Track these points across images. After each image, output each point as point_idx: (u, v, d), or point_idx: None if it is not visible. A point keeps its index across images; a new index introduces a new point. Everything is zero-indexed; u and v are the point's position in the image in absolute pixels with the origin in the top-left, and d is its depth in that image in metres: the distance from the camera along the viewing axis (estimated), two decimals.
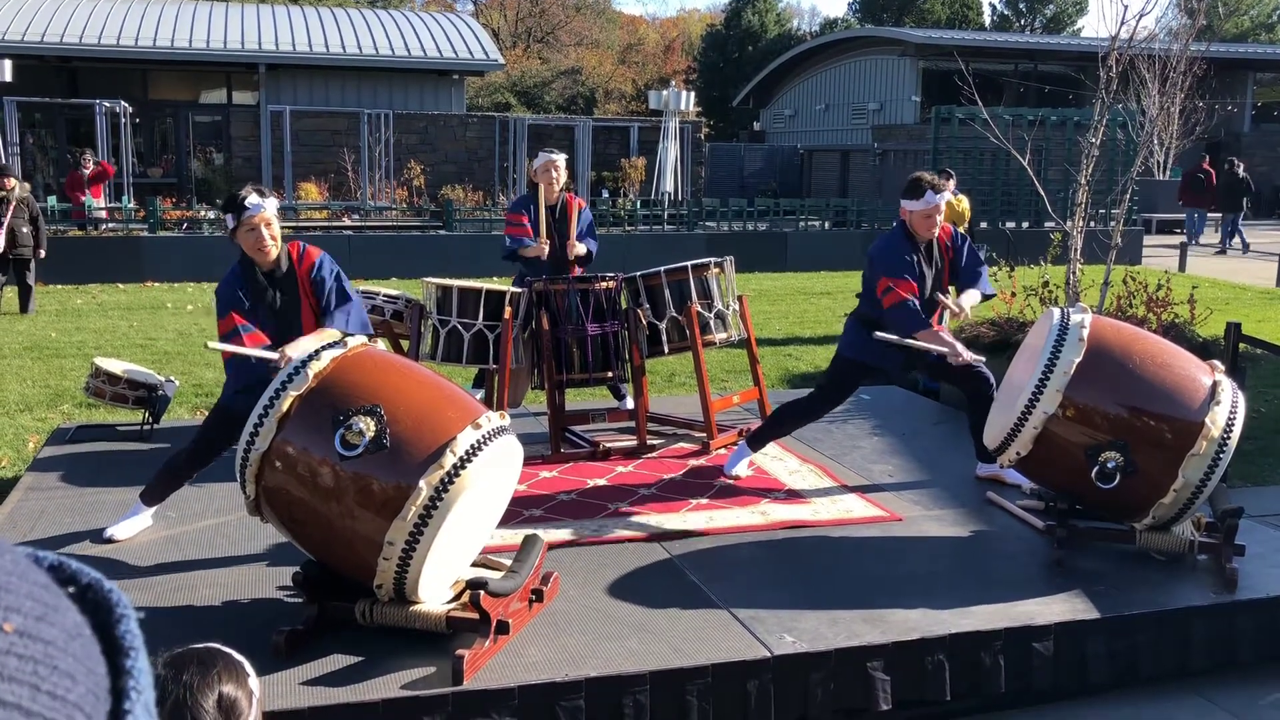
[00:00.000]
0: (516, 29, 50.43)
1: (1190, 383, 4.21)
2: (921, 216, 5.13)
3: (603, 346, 5.92)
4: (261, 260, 4.41)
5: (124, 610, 0.57)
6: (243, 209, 4.30)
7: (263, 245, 4.35)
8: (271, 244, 4.37)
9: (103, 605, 0.57)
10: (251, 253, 4.39)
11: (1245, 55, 32.07)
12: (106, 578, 0.59)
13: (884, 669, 3.62)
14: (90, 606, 0.57)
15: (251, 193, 4.35)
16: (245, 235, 4.35)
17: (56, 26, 21.97)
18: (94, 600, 0.57)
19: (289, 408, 3.42)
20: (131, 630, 0.57)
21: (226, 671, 1.80)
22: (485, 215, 18.05)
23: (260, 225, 4.32)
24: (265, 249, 4.36)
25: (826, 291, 14.37)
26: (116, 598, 0.58)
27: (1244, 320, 6.32)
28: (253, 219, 4.31)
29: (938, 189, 5.10)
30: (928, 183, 5.12)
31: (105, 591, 0.58)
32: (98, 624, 0.56)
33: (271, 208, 4.37)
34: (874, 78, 34.11)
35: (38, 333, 10.35)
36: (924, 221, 5.13)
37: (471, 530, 3.60)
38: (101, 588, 0.58)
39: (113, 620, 0.57)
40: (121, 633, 0.56)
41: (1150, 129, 8.44)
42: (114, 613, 0.57)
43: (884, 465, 5.77)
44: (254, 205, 4.30)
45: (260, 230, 4.33)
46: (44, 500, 5.01)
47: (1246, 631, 4.05)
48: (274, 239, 4.38)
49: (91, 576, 0.58)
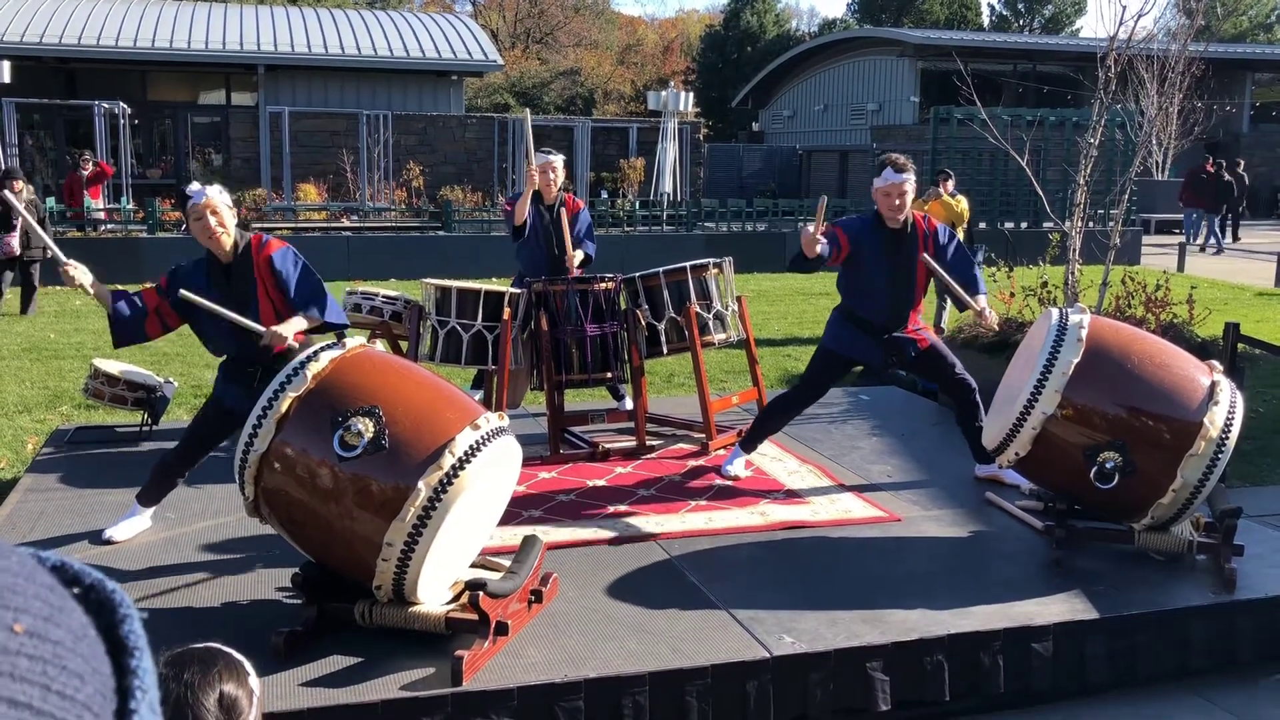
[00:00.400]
0: (515, 30, 50.45)
1: (1188, 383, 4.21)
2: (882, 194, 5.12)
3: (602, 347, 5.92)
4: (215, 248, 4.43)
5: (127, 610, 0.58)
6: (186, 198, 4.38)
7: (211, 233, 4.36)
8: (220, 230, 4.38)
9: (106, 605, 0.57)
10: (204, 242, 4.41)
11: (1244, 55, 32.09)
12: (108, 578, 0.59)
13: (883, 669, 3.63)
14: (94, 607, 0.57)
15: (194, 183, 4.45)
16: (194, 224, 4.39)
17: (55, 27, 21.96)
18: (97, 600, 0.57)
19: (288, 409, 3.42)
20: (135, 630, 0.57)
21: (227, 670, 1.80)
22: (484, 216, 18.05)
23: (205, 213, 4.34)
24: (215, 236, 4.38)
25: (825, 292, 14.35)
26: (119, 598, 0.58)
27: (1242, 320, 6.33)
28: (196, 207, 4.34)
29: (898, 167, 5.09)
30: (890, 160, 5.13)
31: (108, 592, 0.58)
32: (101, 624, 0.57)
33: (216, 194, 4.40)
34: (873, 78, 34.12)
35: (36, 334, 10.35)
36: (885, 200, 5.12)
37: (470, 531, 3.60)
38: (104, 588, 0.58)
39: (116, 620, 0.57)
40: (125, 633, 0.57)
41: (1149, 129, 8.45)
42: (117, 613, 0.57)
43: (883, 465, 5.77)
44: (196, 193, 4.36)
45: (206, 218, 4.34)
46: (43, 501, 5.01)
47: (1245, 631, 4.05)
48: (222, 226, 4.38)
49: (94, 577, 0.58)
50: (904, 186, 5.08)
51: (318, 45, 23.24)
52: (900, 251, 5.19)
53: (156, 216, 15.46)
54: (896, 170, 5.08)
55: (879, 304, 5.24)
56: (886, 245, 5.17)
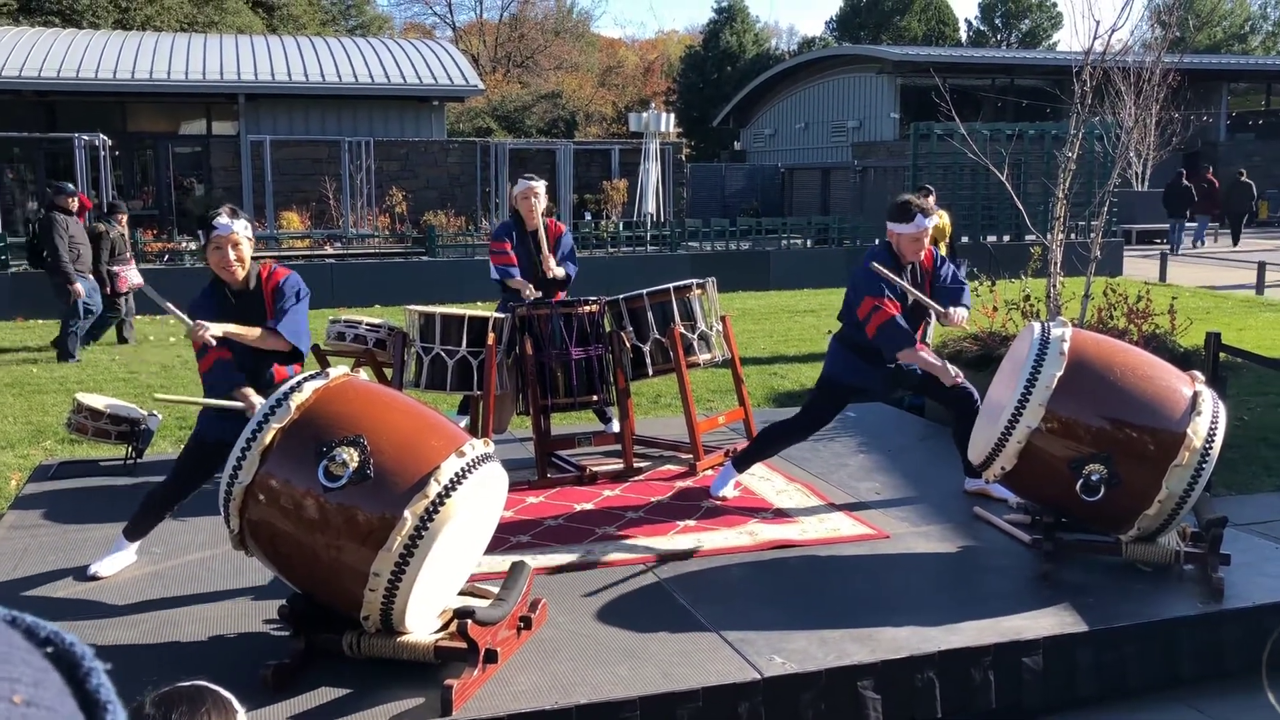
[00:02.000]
0: (496, 54, 50.59)
1: (1171, 394, 4.23)
2: (910, 240, 5.15)
3: (587, 370, 5.92)
4: (228, 279, 4.49)
5: (91, 663, 0.57)
6: (212, 228, 4.43)
7: (228, 265, 4.43)
8: (237, 265, 4.45)
9: (68, 658, 0.57)
10: (218, 270, 4.47)
11: (1219, 66, 32.43)
12: (81, 630, 0.59)
13: (874, 688, 3.62)
14: (56, 661, 0.57)
15: (224, 213, 4.46)
16: (212, 253, 4.44)
17: (34, 61, 21.94)
18: (58, 655, 0.57)
19: (271, 440, 3.41)
20: (104, 684, 0.57)
21: (215, 709, 1.79)
22: (468, 240, 18.05)
23: (227, 246, 4.40)
24: (230, 268, 4.44)
25: (810, 309, 14.40)
26: (80, 650, 0.58)
27: (1224, 329, 6.37)
28: (220, 238, 4.40)
29: (927, 213, 5.13)
30: (917, 206, 5.15)
31: (67, 645, 0.58)
32: (67, 679, 0.56)
33: (241, 230, 4.44)
34: (853, 95, 34.31)
35: (18, 368, 10.29)
36: (912, 245, 5.16)
37: (458, 558, 3.59)
38: (64, 641, 0.58)
39: (81, 675, 0.57)
40: (94, 686, 0.56)
41: (1126, 141, 8.50)
42: (81, 667, 0.57)
43: (871, 483, 5.78)
44: (223, 226, 4.40)
45: (226, 250, 4.40)
46: (27, 538, 4.97)
47: (1234, 641, 4.06)
48: (240, 260, 4.45)
49: (49, 629, 0.58)
50: (929, 231, 5.15)
51: (298, 73, 23.27)
52: (914, 283, 5.23)
53: (138, 248, 15.41)
54: (925, 216, 5.12)
55: None
56: (907, 280, 5.21)
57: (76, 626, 3.69)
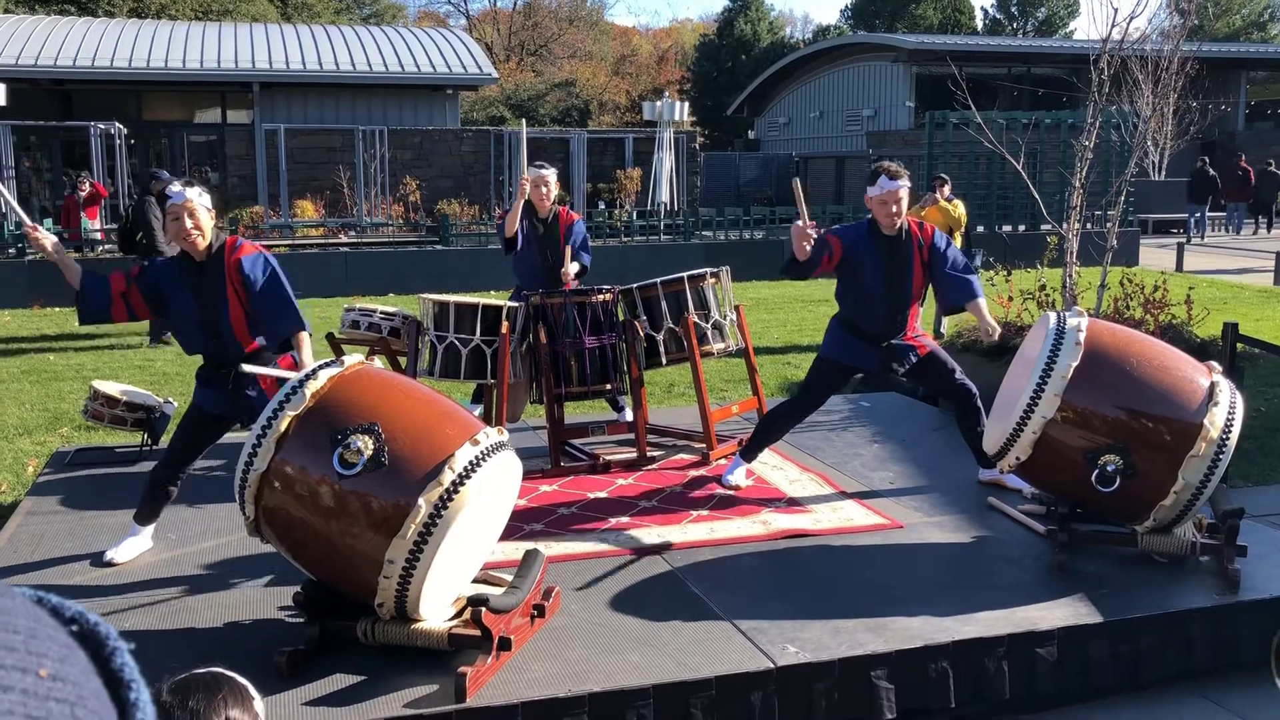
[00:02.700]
0: (510, 42, 50.54)
1: (1188, 384, 4.21)
2: (878, 203, 5.14)
3: (600, 359, 5.92)
4: (190, 249, 4.47)
5: (115, 643, 0.58)
6: (166, 198, 4.47)
7: (186, 233, 4.41)
8: (195, 233, 4.42)
9: (93, 638, 0.58)
10: (179, 241, 4.47)
11: (1237, 54, 32.15)
12: (97, 615, 0.59)
13: (888, 678, 3.62)
14: (81, 640, 0.57)
15: (177, 183, 4.48)
16: (171, 225, 4.46)
17: (50, 50, 22.01)
18: (83, 634, 0.57)
19: (287, 427, 3.42)
20: (128, 663, 0.57)
21: (232, 696, 1.80)
22: (482, 229, 18.06)
23: (182, 214, 4.39)
24: (189, 236, 4.42)
25: (824, 299, 14.35)
26: (105, 630, 0.58)
27: (1241, 320, 6.33)
28: (176, 207, 4.40)
29: (893, 175, 5.12)
30: (884, 169, 5.17)
31: (92, 625, 0.58)
32: (93, 657, 0.57)
33: (196, 197, 4.43)
34: (867, 84, 34.16)
35: (36, 356, 10.35)
36: (881, 208, 5.15)
37: (472, 546, 3.60)
38: (88, 621, 0.58)
39: (106, 653, 0.57)
40: (119, 665, 0.57)
41: (1144, 130, 8.45)
42: (106, 646, 0.57)
43: (884, 472, 5.77)
44: (176, 194, 4.41)
45: (183, 219, 4.39)
46: (44, 524, 5.00)
47: (1250, 632, 4.04)
48: (198, 228, 4.42)
49: (74, 610, 0.58)
50: (899, 194, 5.11)
51: (312, 62, 23.29)
52: (896, 258, 5.20)
53: None
54: (891, 178, 5.11)
55: (877, 311, 5.25)
56: (883, 252, 5.19)
57: (94, 611, 3.71)
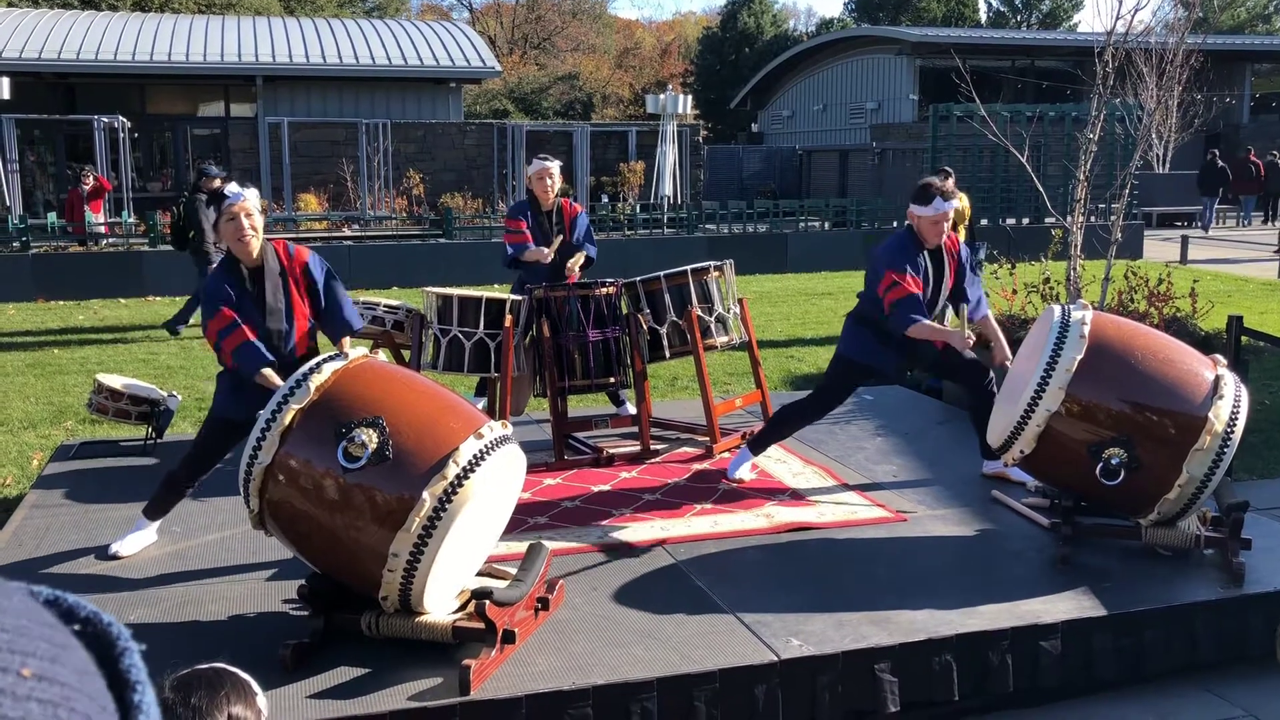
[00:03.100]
0: (513, 36, 50.51)
1: (1193, 377, 4.20)
2: (930, 223, 5.12)
3: (604, 352, 5.92)
4: (242, 252, 4.46)
5: (125, 644, 0.57)
6: (223, 198, 4.41)
7: (242, 235, 4.39)
8: (251, 234, 4.42)
9: (103, 639, 0.57)
10: (232, 243, 4.44)
11: (1242, 47, 32.06)
12: (102, 609, 0.59)
13: (891, 671, 3.62)
14: (92, 641, 0.57)
15: (233, 184, 4.47)
16: (226, 225, 4.42)
17: (54, 43, 22.01)
18: (94, 635, 0.57)
19: (291, 421, 3.42)
20: (136, 664, 0.57)
21: (235, 693, 1.80)
22: (485, 223, 18.06)
23: (240, 214, 4.38)
24: (245, 239, 4.41)
25: (828, 292, 14.36)
26: (116, 631, 0.58)
27: (1246, 313, 6.32)
28: (232, 208, 4.38)
29: (947, 196, 5.10)
30: (937, 189, 5.11)
31: (105, 625, 0.58)
32: (101, 658, 0.56)
33: (252, 198, 4.44)
34: (871, 77, 34.10)
35: (40, 350, 10.36)
36: (932, 228, 5.13)
37: (476, 540, 3.60)
38: (100, 621, 0.58)
39: (115, 654, 0.57)
40: (126, 666, 0.56)
41: (1148, 123, 8.43)
42: (116, 646, 0.57)
43: (888, 465, 5.76)
44: (234, 194, 4.39)
45: (240, 220, 4.38)
46: (49, 517, 5.01)
47: (1255, 625, 4.04)
48: (254, 230, 4.43)
49: (89, 610, 0.58)
50: (950, 215, 5.12)
51: (315, 55, 23.28)
52: (935, 268, 5.20)
53: (158, 230, 15.47)
54: (946, 199, 5.09)
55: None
56: (929, 263, 5.19)
57: (97, 605, 3.72)
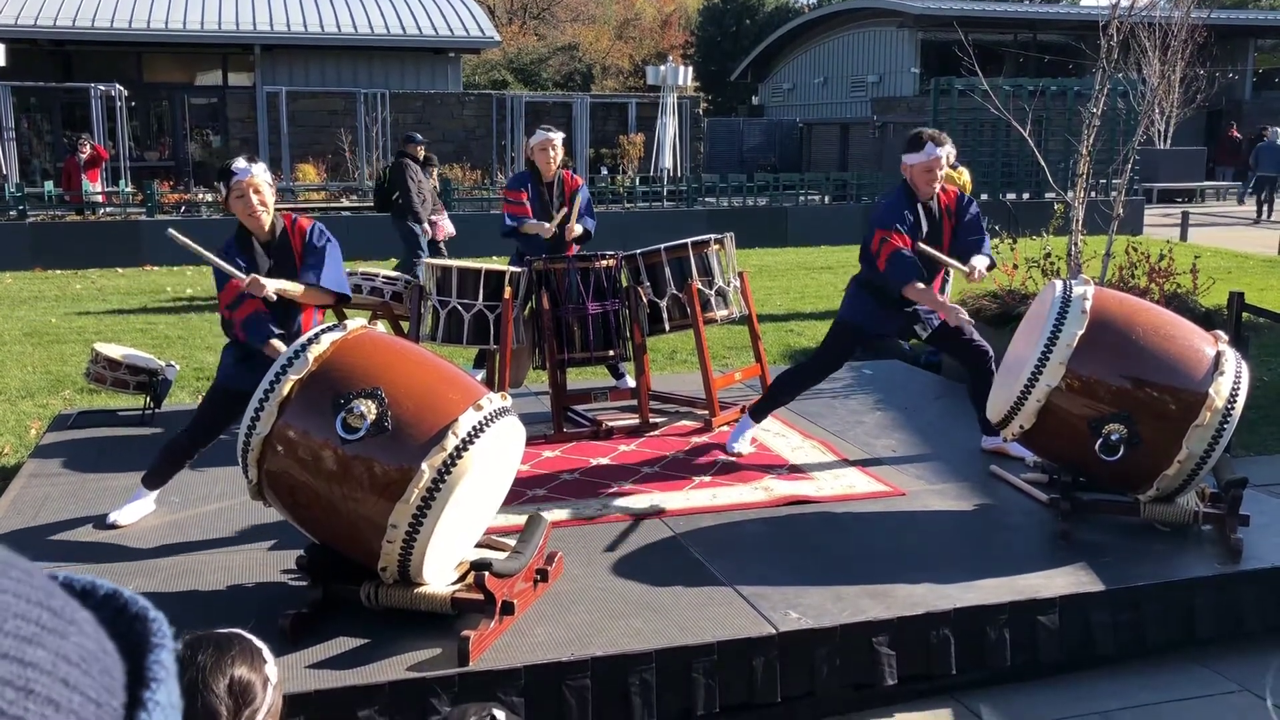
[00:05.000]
0: (512, 5, 50.15)
1: (1193, 354, 4.19)
2: (921, 170, 5.09)
3: (604, 325, 5.91)
4: (254, 227, 4.46)
5: (159, 640, 0.56)
6: (231, 174, 4.38)
7: (253, 210, 4.39)
8: (262, 209, 4.41)
9: (137, 634, 0.56)
10: (244, 219, 4.44)
11: (1246, 22, 31.86)
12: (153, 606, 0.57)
13: (889, 644, 3.63)
14: (124, 632, 0.55)
15: (240, 159, 4.42)
16: (235, 202, 4.41)
17: (50, 10, 21.85)
18: (129, 628, 0.55)
19: (289, 392, 3.41)
20: (160, 661, 0.55)
21: (242, 656, 1.79)
22: (484, 194, 17.99)
23: (249, 190, 4.36)
24: (256, 214, 4.40)
25: (828, 266, 14.33)
26: (158, 629, 0.56)
27: (1247, 289, 6.30)
28: (241, 183, 4.36)
29: (938, 141, 5.08)
30: (928, 136, 5.11)
31: (147, 620, 0.56)
32: (127, 652, 0.55)
33: (260, 173, 4.41)
34: (873, 50, 33.90)
35: (37, 319, 10.33)
36: (924, 175, 5.10)
37: (475, 511, 3.60)
38: (145, 616, 0.56)
39: (145, 650, 0.55)
40: (149, 663, 0.54)
41: (1151, 98, 8.39)
42: (148, 642, 0.55)
43: (887, 440, 5.76)
44: (241, 170, 4.36)
45: (249, 196, 4.37)
46: (47, 487, 5.01)
47: (1252, 602, 4.05)
48: (264, 205, 4.42)
49: (140, 605, 0.57)
50: (942, 161, 5.08)
51: (314, 24, 23.12)
52: (930, 223, 5.17)
53: (155, 199, 15.42)
54: (936, 144, 5.06)
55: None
56: (919, 220, 5.15)
57: (95, 574, 3.72)
